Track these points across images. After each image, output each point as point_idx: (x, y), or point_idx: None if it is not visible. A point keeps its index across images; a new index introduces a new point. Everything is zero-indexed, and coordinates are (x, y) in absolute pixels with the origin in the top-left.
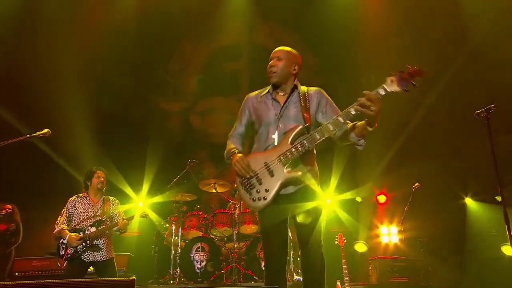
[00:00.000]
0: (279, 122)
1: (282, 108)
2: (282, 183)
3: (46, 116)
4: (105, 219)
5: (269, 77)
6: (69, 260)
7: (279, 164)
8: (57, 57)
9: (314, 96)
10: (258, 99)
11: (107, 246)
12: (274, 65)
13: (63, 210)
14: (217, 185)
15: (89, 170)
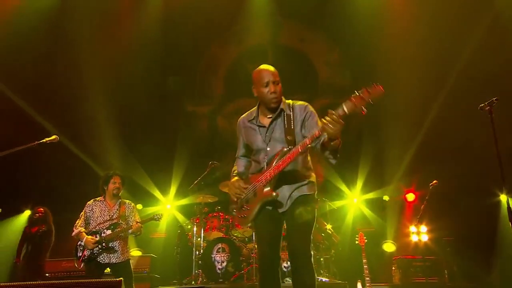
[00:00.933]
0: (267, 146)
1: (267, 132)
2: (261, 204)
3: (77, 121)
4: (120, 222)
5: (273, 102)
6: (86, 261)
7: (261, 185)
8: (88, 64)
9: (298, 112)
10: (246, 124)
11: (122, 248)
12: (277, 91)
13: (82, 213)
14: None
15: (106, 175)
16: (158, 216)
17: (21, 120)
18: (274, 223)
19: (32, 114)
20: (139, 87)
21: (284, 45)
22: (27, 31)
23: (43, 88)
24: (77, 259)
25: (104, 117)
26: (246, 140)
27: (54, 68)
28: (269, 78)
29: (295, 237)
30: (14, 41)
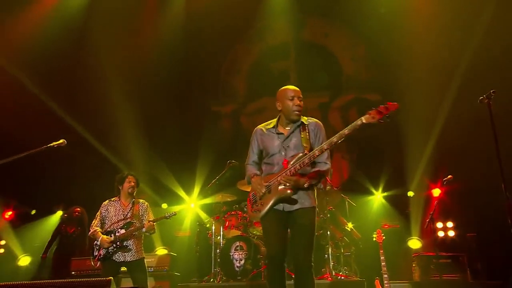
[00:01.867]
0: (283, 151)
1: (286, 139)
2: (276, 199)
3: (105, 123)
4: (133, 221)
5: (296, 114)
6: (102, 260)
7: (276, 183)
8: (113, 66)
9: (312, 127)
10: (265, 132)
11: (136, 247)
12: (300, 105)
13: (97, 214)
14: None
15: (121, 175)
16: (169, 214)
17: (53, 121)
18: (281, 224)
19: (65, 117)
20: (163, 87)
21: (307, 41)
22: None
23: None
24: (94, 258)
25: (129, 118)
26: (262, 145)
27: (82, 70)
28: (294, 94)
29: (299, 248)
30: (46, 46)
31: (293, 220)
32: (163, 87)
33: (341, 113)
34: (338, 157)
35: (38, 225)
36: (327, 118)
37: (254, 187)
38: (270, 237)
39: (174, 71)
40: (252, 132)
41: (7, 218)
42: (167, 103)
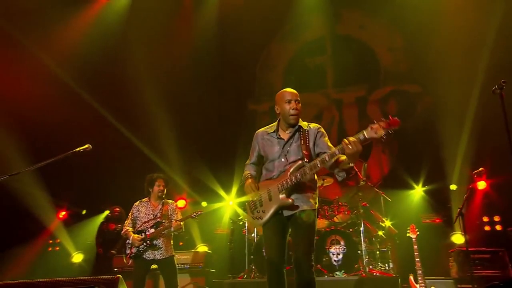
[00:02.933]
0: (282, 157)
1: (286, 144)
2: (277, 207)
3: (145, 123)
4: (163, 221)
5: (293, 118)
6: (133, 258)
7: (277, 190)
8: (151, 67)
9: (312, 133)
10: (265, 136)
11: (165, 245)
12: (298, 108)
13: (129, 214)
14: None
15: (150, 178)
16: (195, 214)
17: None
18: (281, 229)
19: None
20: (200, 88)
21: (342, 35)
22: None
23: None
24: (126, 256)
25: (170, 120)
26: (262, 150)
27: (124, 74)
28: (291, 97)
29: (298, 248)
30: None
31: (293, 222)
32: (200, 88)
33: (379, 106)
34: (378, 151)
35: (88, 224)
36: (365, 112)
37: (248, 191)
38: (270, 243)
39: (210, 71)
40: None
41: (61, 218)
42: (204, 104)
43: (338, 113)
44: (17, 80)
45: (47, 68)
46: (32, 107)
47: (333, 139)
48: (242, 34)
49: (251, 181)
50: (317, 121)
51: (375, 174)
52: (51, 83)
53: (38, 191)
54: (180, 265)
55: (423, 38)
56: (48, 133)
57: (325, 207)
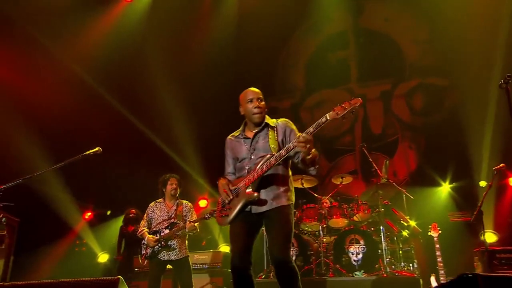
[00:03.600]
0: (251, 154)
1: (252, 141)
2: (243, 202)
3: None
4: (177, 221)
5: (257, 117)
6: (148, 258)
7: (244, 186)
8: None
9: (280, 127)
10: (233, 140)
11: (180, 246)
12: (260, 106)
13: (145, 215)
14: (304, 181)
15: (163, 178)
16: (208, 215)
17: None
18: (248, 228)
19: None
20: (220, 86)
21: (366, 28)
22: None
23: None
24: (141, 256)
25: (188, 118)
26: (232, 153)
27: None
28: (253, 96)
29: (272, 244)
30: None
31: (266, 220)
32: (219, 86)
33: (405, 100)
34: (405, 147)
35: (113, 224)
36: (390, 107)
37: (219, 191)
38: (234, 242)
39: (228, 69)
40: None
41: (86, 218)
42: (224, 102)
43: (362, 109)
44: (39, 82)
45: (69, 70)
46: (53, 108)
47: (358, 136)
48: (262, 30)
49: (224, 182)
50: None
51: (402, 170)
52: (73, 85)
53: (64, 194)
54: (199, 265)
55: (450, 29)
56: (69, 135)
57: (343, 206)
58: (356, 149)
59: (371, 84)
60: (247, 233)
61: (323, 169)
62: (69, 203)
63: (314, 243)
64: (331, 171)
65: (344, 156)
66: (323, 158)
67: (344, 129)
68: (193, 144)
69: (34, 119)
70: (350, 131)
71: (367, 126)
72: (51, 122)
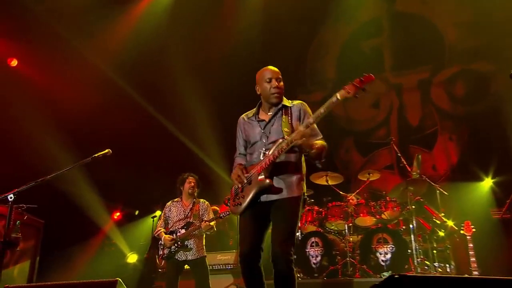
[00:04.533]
0: (263, 138)
1: (267, 125)
2: (256, 190)
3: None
4: (193, 221)
5: (274, 96)
6: (166, 259)
7: (256, 173)
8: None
9: (295, 109)
10: (246, 120)
11: (197, 246)
12: (279, 86)
13: (161, 214)
14: (329, 177)
15: (181, 177)
16: (223, 214)
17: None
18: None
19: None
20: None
21: (401, 12)
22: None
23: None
24: (158, 257)
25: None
26: (245, 135)
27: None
28: (272, 75)
29: (274, 239)
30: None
31: (273, 210)
32: (246, 80)
33: (445, 88)
34: (445, 139)
35: (141, 224)
36: (428, 96)
37: (232, 177)
38: (242, 232)
39: (255, 61)
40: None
41: (115, 218)
42: (251, 97)
43: (397, 99)
44: (64, 79)
45: (94, 67)
46: (79, 106)
47: (393, 129)
48: (290, 20)
49: (237, 168)
50: (374, 109)
51: (442, 164)
52: (98, 82)
53: (92, 194)
54: (221, 265)
55: (497, 9)
56: (95, 133)
57: (371, 204)
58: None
59: (407, 73)
60: (257, 225)
61: (357, 164)
62: (97, 203)
63: (340, 243)
64: (366, 166)
65: (379, 150)
66: (357, 152)
67: (378, 121)
68: (219, 142)
69: (59, 118)
70: (385, 123)
71: (403, 117)
72: (77, 120)
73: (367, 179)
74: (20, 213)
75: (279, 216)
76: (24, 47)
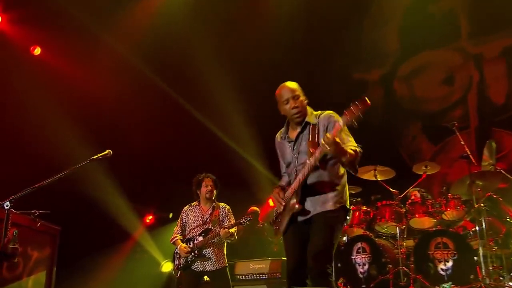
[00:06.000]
0: (295, 159)
1: (295, 145)
2: (289, 215)
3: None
4: (212, 227)
5: (296, 117)
6: (182, 269)
7: (290, 196)
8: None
9: (321, 123)
10: (279, 141)
11: (217, 255)
12: (297, 105)
13: (178, 220)
14: (378, 172)
15: (197, 179)
16: (244, 220)
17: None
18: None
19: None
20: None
21: None
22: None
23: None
24: (174, 268)
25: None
26: (281, 155)
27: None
28: (288, 95)
29: (311, 256)
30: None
31: (310, 225)
32: (286, 62)
33: None
34: None
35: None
36: None
37: (273, 200)
38: (287, 251)
39: (298, 40)
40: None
41: (148, 222)
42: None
43: (477, 72)
44: (87, 69)
45: (117, 54)
46: (102, 96)
47: (472, 108)
48: None
49: (276, 191)
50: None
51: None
52: (123, 72)
53: (119, 197)
54: (255, 275)
55: None
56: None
57: (428, 202)
58: (471, 126)
59: (489, 39)
60: (299, 245)
61: (426, 153)
62: (126, 207)
63: (391, 249)
64: (437, 155)
65: (455, 135)
66: (426, 139)
67: (453, 100)
68: (257, 136)
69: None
70: (462, 102)
71: (484, 94)
72: (100, 112)
73: (423, 172)
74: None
75: (313, 230)
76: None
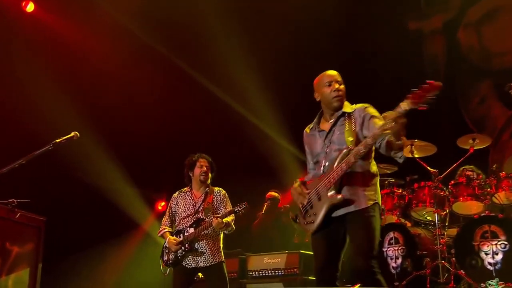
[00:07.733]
0: (326, 149)
1: (328, 134)
2: (327, 207)
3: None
4: (204, 217)
5: (335, 100)
6: (172, 266)
7: (325, 188)
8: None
9: (357, 115)
10: (308, 133)
11: (211, 249)
12: (340, 89)
13: (167, 209)
14: (415, 148)
15: (190, 159)
16: (240, 207)
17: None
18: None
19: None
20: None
21: None
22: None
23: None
24: (162, 264)
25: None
26: (309, 148)
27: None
28: (331, 78)
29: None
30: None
31: (347, 226)
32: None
33: None
34: None
35: None
36: None
37: (293, 196)
38: (315, 251)
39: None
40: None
41: (160, 209)
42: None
43: None
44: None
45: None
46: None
47: None
48: None
49: (296, 185)
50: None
51: None
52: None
53: (122, 183)
54: (270, 271)
55: None
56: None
57: (474, 183)
58: None
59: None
60: (329, 243)
61: (497, 119)
62: (131, 192)
63: (430, 239)
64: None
65: None
66: (497, 102)
67: None
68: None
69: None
70: None
71: None
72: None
73: (470, 146)
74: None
75: (354, 230)
76: None
